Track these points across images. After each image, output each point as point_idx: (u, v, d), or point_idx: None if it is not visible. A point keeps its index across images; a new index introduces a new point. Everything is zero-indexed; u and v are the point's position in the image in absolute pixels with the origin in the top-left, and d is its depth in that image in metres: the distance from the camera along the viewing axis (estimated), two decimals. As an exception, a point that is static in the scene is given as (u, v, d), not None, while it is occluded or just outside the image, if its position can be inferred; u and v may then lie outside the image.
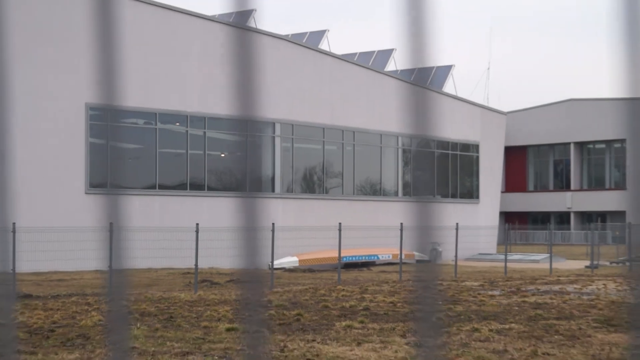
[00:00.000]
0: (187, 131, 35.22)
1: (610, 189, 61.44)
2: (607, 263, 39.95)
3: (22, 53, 28.27)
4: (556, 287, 28.23)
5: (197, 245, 25.55)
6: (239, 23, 37.20)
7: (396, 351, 14.45)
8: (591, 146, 63.15)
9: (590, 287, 27.92)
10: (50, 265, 27.27)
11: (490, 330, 17.05)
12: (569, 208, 61.14)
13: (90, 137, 32.16)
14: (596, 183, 64.52)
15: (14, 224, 17.48)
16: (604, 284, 29.41)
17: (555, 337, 16.51)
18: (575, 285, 29.13)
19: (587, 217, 56.07)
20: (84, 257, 27.88)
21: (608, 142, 60.53)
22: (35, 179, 28.96)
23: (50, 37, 31.56)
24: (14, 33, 30.09)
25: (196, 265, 26.45)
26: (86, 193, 32.57)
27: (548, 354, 14.41)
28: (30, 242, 23.24)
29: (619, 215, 53.23)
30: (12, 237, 18.19)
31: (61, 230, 27.37)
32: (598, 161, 64.10)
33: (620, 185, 60.32)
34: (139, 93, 30.84)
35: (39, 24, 30.99)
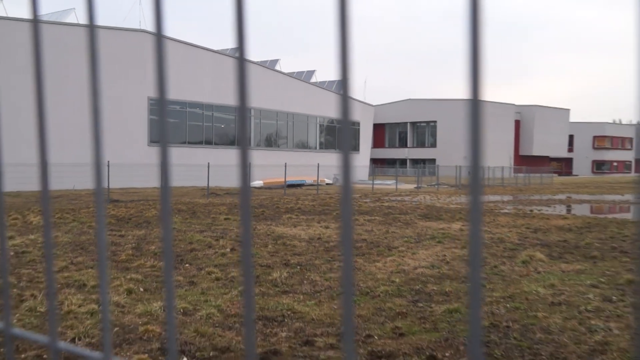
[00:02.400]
0: (202, 112, 37.81)
1: (428, 147, 66.81)
2: (425, 186, 43.68)
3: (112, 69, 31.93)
4: (398, 198, 29.96)
5: (209, 174, 28.40)
6: (233, 54, 39.42)
7: (315, 230, 15.09)
8: (418, 124, 69.34)
9: (417, 197, 30.24)
10: (128, 183, 30.07)
11: (364, 219, 17.86)
12: (406, 157, 67.07)
13: (150, 115, 34.10)
14: (420, 144, 69.06)
15: (108, 161, 20.86)
16: (423, 196, 31.43)
17: (398, 223, 17.18)
18: (408, 197, 30.99)
19: (416, 162, 61.94)
20: (146, 178, 31.43)
21: (427, 122, 66.21)
22: (120, 138, 31.38)
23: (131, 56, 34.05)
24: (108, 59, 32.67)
25: (207, 184, 28.80)
26: (148, 145, 34.58)
27: (394, 232, 15.04)
28: (118, 169, 25.64)
29: (432, 161, 58.79)
30: (107, 169, 21.12)
31: (135, 165, 30.85)
32: (421, 132, 70.11)
33: (433, 145, 66.12)
34: (176, 90, 33.44)
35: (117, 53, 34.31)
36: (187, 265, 10.02)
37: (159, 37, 0.71)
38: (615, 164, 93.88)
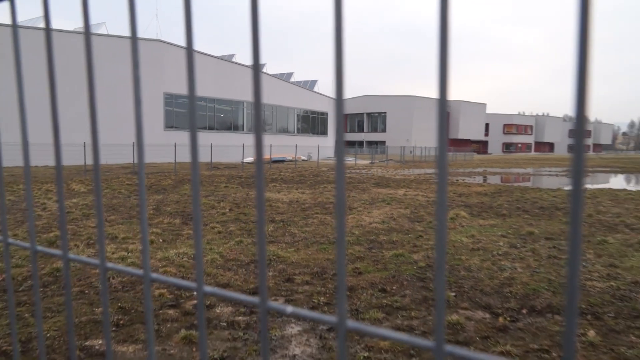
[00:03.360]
0: (206, 105, 36.83)
1: (379, 132, 65.94)
2: (378, 161, 43.34)
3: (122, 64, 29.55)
4: (357, 171, 29.27)
5: (211, 152, 27.98)
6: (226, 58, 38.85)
7: (293, 195, 15.05)
8: (372, 114, 68.30)
9: (371, 170, 30.11)
10: (148, 159, 30.04)
11: (331, 187, 17.61)
12: (363, 139, 66.17)
13: (165, 106, 33.43)
14: (374, 129, 68.31)
15: (133, 142, 20.18)
16: (376, 170, 31.19)
17: (357, 190, 17.19)
18: (365, 170, 30.84)
19: (370, 143, 61.27)
20: (163, 155, 30.16)
21: (379, 113, 65.47)
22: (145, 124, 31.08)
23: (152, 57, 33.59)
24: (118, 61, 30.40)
25: (211, 160, 28.62)
26: (164, 130, 33.71)
27: (354, 196, 14.97)
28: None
29: (383, 142, 58.40)
30: (132, 149, 21.54)
31: (154, 145, 29.86)
32: (374, 120, 69.21)
33: (383, 130, 65.38)
34: (185, 87, 33.07)
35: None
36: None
37: (189, 51, 0.68)
38: (519, 145, 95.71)
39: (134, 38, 0.74)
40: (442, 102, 0.48)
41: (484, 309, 5.16)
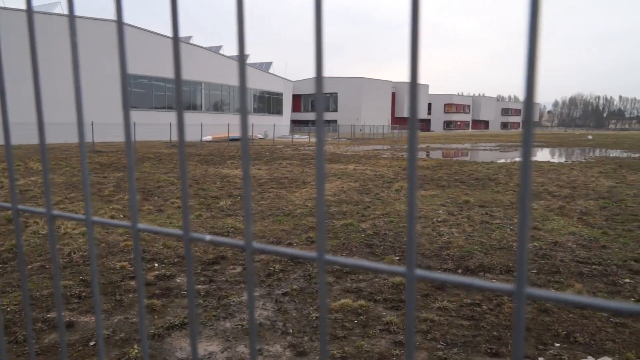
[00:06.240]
0: (165, 85, 34.85)
1: (331, 111, 65.66)
2: (330, 139, 43.38)
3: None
4: (311, 148, 28.56)
5: (170, 131, 27.65)
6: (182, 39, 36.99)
7: (251, 171, 14.40)
8: (325, 94, 66.74)
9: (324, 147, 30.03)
10: (109, 138, 27.37)
11: (287, 163, 17.60)
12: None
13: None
14: (326, 109, 67.75)
15: (92, 121, 19.81)
16: (328, 147, 30.52)
17: (310, 165, 17.06)
18: (314, 146, 30.60)
19: (325, 122, 59.89)
20: (123, 134, 28.89)
21: (331, 93, 65.19)
22: (103, 104, 28.84)
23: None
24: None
25: (170, 138, 27.41)
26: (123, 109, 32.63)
27: (307, 171, 14.90)
28: (101, 127, 24.23)
29: (335, 121, 58.56)
30: (92, 127, 20.59)
31: (114, 124, 28.35)
32: (327, 100, 67.90)
33: (335, 110, 64.95)
34: (144, 67, 31.36)
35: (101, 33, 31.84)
36: (155, 197, 9.79)
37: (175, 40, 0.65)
38: (459, 123, 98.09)
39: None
40: (413, 86, 0.48)
41: (425, 270, 5.39)
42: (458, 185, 12.10)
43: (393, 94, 77.37)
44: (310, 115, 73.05)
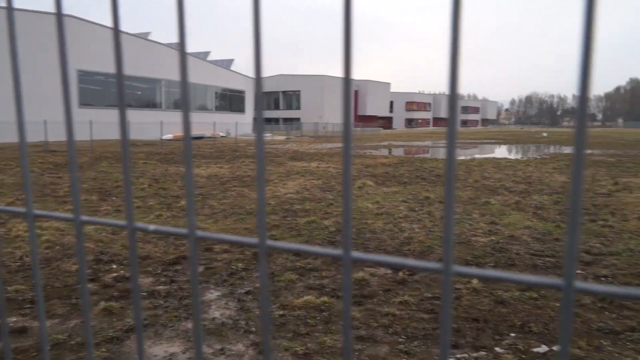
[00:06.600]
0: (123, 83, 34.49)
1: (294, 109, 65.22)
2: (293, 137, 43.60)
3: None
4: (274, 146, 26.58)
5: (129, 129, 27.52)
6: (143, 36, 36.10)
7: (212, 170, 14.80)
8: (287, 92, 67.07)
9: (287, 145, 29.68)
10: (64, 137, 27.39)
11: (249, 161, 17.50)
12: (279, 116, 64.43)
13: (79, 83, 30.78)
14: (289, 107, 68.04)
15: (45, 120, 19.34)
16: (292, 144, 29.72)
17: (273, 163, 17.02)
18: (281, 145, 29.59)
19: (286, 120, 60.92)
20: (77, 133, 29.09)
21: (294, 92, 64.89)
22: (57, 102, 27.77)
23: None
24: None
25: (129, 137, 27.86)
26: (78, 107, 30.83)
27: (270, 169, 14.84)
28: (55, 126, 22.51)
29: (298, 119, 58.32)
30: (45, 126, 19.80)
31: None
32: (289, 98, 68.77)
33: (298, 108, 64.73)
34: (101, 64, 30.11)
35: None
36: (114, 198, 9.55)
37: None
38: (420, 120, 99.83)
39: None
40: (347, 82, 0.50)
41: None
42: (419, 181, 12.28)
43: (356, 92, 77.93)
44: (274, 113, 72.69)
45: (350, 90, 0.49)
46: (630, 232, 6.96)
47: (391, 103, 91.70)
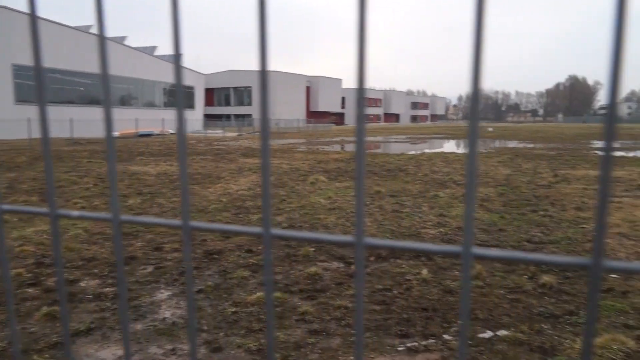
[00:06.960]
0: (62, 77, 32.26)
1: (246, 105, 64.77)
2: (245, 134, 42.91)
3: None
4: (225, 143, 27.27)
5: (72, 127, 26.03)
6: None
7: (162, 167, 14.46)
8: (238, 88, 65.75)
9: (238, 142, 28.93)
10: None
11: (200, 158, 17.31)
12: (230, 113, 62.96)
13: (15, 79, 29.19)
14: (240, 103, 67.05)
15: None
16: (243, 141, 31.22)
17: (225, 160, 16.75)
18: (232, 142, 29.27)
19: (237, 116, 59.77)
20: (14, 131, 26.28)
21: (245, 87, 64.09)
22: None
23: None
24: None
25: (71, 134, 24.92)
26: (14, 104, 29.46)
27: (222, 166, 14.81)
28: None
29: (250, 115, 57.83)
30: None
31: (3, 120, 26.55)
32: (240, 94, 67.19)
33: (249, 104, 64.45)
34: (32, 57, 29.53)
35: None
36: (55, 198, 9.21)
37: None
38: (371, 116, 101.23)
39: None
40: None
41: (339, 260, 5.51)
42: (370, 176, 12.43)
43: (308, 88, 77.91)
44: (224, 110, 71.45)
45: (267, 84, 0.50)
46: (568, 221, 7.37)
47: (343, 99, 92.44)
